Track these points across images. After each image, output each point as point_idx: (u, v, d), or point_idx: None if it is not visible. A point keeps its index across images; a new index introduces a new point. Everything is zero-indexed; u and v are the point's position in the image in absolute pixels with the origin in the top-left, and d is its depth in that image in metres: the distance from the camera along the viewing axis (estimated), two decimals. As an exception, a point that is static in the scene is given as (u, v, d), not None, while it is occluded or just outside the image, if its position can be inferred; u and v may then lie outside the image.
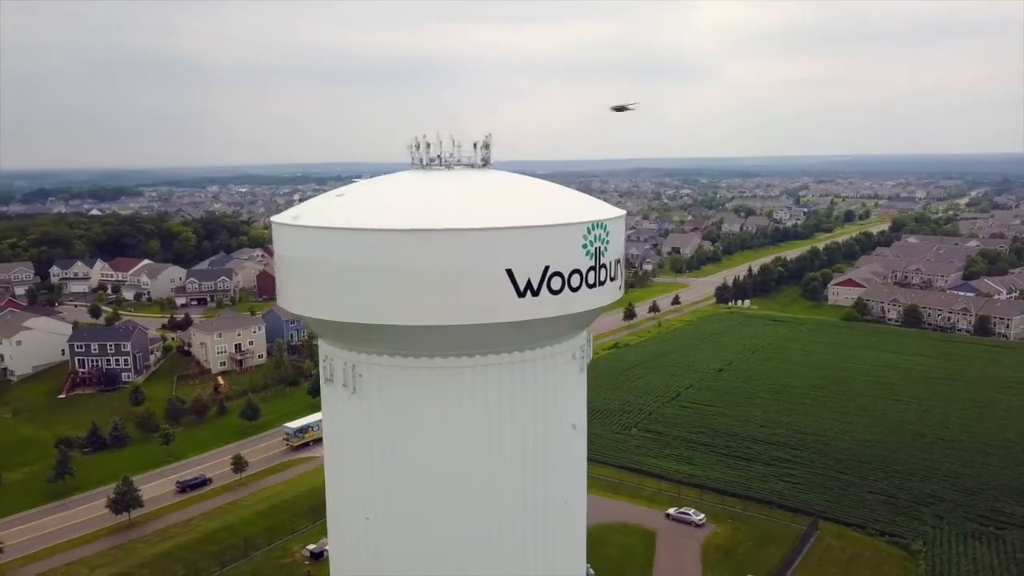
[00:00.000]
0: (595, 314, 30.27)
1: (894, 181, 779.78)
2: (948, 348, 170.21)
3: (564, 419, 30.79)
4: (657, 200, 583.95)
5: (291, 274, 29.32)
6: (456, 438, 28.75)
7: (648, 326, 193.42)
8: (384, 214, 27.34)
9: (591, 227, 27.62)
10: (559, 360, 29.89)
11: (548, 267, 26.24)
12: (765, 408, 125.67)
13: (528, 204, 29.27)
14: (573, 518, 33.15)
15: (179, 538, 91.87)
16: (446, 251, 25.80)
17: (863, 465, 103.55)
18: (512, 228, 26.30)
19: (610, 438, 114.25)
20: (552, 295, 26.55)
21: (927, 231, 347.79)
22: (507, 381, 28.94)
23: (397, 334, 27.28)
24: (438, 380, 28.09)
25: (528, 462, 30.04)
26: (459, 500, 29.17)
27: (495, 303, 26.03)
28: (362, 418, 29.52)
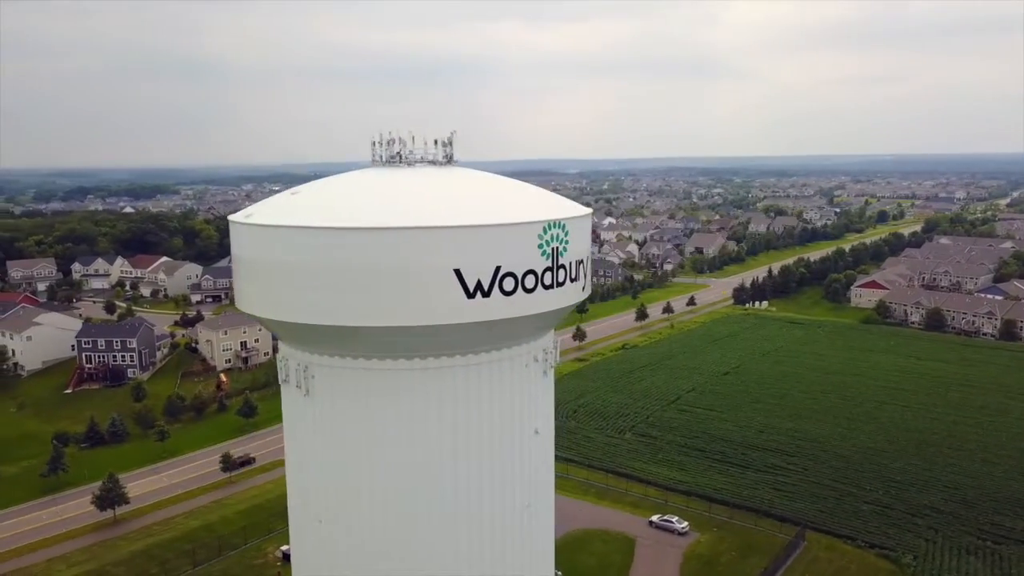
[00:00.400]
0: (557, 315, 29.50)
1: (934, 181, 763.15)
2: (968, 353, 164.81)
3: (525, 423, 30.20)
4: (687, 199, 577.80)
5: (241, 273, 29.01)
6: (408, 442, 28.13)
7: (660, 327, 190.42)
8: (331, 212, 26.97)
9: (547, 227, 26.87)
10: (518, 363, 29.33)
11: (499, 267, 25.57)
12: (767, 413, 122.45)
13: (484, 202, 28.65)
14: (536, 523, 32.51)
15: (160, 536, 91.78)
16: (390, 250, 25.18)
17: (860, 474, 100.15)
18: (459, 227, 25.60)
19: (603, 442, 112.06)
20: (505, 296, 25.90)
21: (961, 232, 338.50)
22: (461, 384, 28.25)
23: (344, 335, 26.71)
24: (389, 382, 27.58)
25: (485, 466, 29.34)
26: (412, 504, 28.63)
27: (443, 304, 25.45)
28: (315, 420, 29.25)
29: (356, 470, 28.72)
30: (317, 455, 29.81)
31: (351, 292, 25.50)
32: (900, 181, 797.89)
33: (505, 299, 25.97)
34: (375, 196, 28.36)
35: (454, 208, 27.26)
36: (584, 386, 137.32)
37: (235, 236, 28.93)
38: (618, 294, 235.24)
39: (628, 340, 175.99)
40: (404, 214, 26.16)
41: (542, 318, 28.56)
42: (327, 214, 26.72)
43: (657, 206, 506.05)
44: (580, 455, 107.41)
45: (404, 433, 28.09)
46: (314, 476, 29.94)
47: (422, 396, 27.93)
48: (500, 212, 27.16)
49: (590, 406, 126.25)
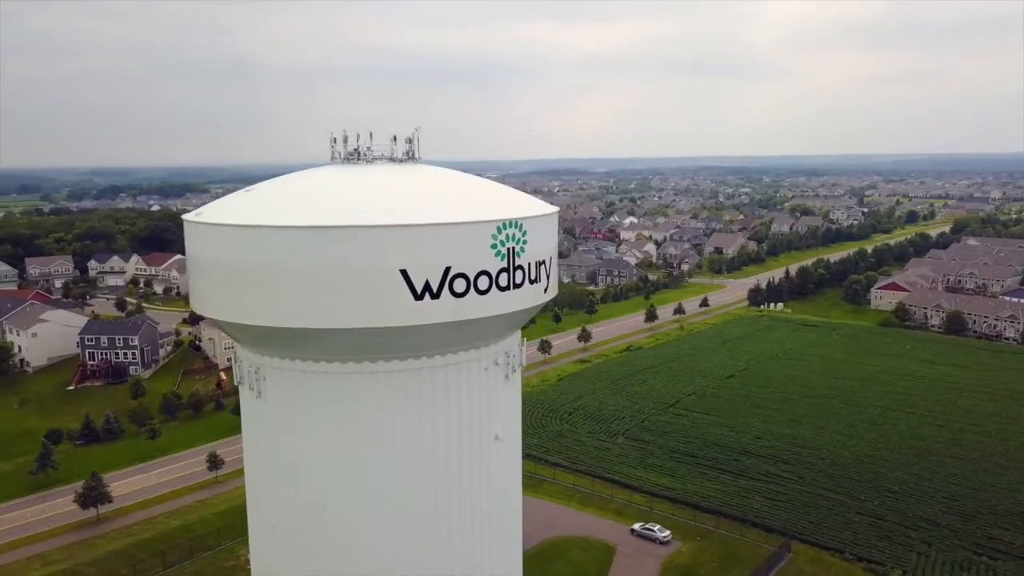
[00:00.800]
0: (517, 318, 28.19)
1: (969, 181, 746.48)
2: (986, 358, 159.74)
3: (485, 428, 28.95)
4: (713, 199, 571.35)
5: (192, 272, 28.35)
6: (358, 447, 27.05)
7: (670, 329, 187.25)
8: (274, 210, 25.95)
9: (502, 226, 25.71)
10: (476, 366, 28.13)
11: (449, 268, 24.42)
12: (766, 418, 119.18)
13: (437, 201, 27.43)
14: (500, 531, 31.18)
15: (138, 535, 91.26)
16: (332, 250, 24.10)
17: (856, 483, 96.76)
18: (405, 226, 24.46)
19: (594, 445, 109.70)
20: (456, 298, 24.74)
21: (991, 233, 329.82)
22: (414, 388, 27.05)
23: (290, 337, 25.67)
24: (338, 386, 26.52)
25: (440, 472, 28.11)
26: (363, 513, 27.57)
27: (389, 306, 24.31)
28: (266, 423, 28.44)
29: (306, 476, 27.63)
30: (269, 459, 28.85)
31: (292, 293, 24.44)
32: (934, 181, 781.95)
33: (456, 301, 24.86)
34: (326, 194, 27.33)
35: (404, 206, 26.08)
36: (583, 388, 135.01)
37: (187, 235, 28.02)
38: (631, 294, 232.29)
39: (635, 341, 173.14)
40: (349, 212, 25.11)
41: (499, 320, 27.16)
42: (270, 212, 25.84)
43: (682, 205, 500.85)
44: (569, 459, 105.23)
45: (354, 438, 26.96)
46: (267, 481, 29.17)
47: (372, 400, 26.76)
48: (452, 211, 26.08)
49: (586, 409, 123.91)
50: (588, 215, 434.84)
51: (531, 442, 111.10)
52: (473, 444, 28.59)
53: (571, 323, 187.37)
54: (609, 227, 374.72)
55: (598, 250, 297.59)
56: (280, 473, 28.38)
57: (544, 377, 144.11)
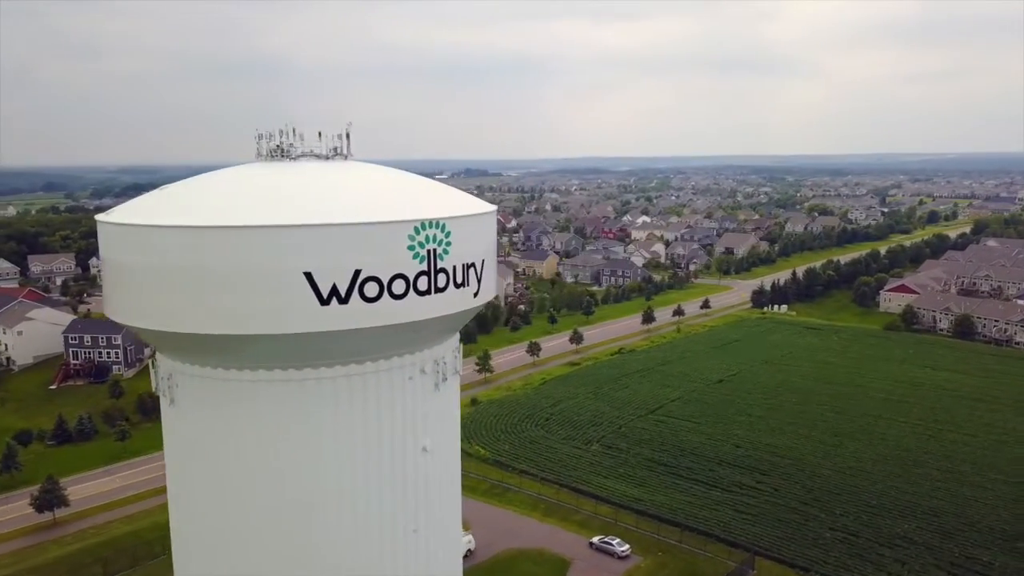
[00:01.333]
0: (441, 324, 26.27)
1: (997, 180, 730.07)
2: (993, 363, 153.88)
3: (410, 441, 27.39)
4: (731, 198, 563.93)
5: (103, 274, 27.04)
6: (271, 461, 25.57)
7: (667, 331, 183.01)
8: (180, 209, 24.67)
9: (421, 226, 24.11)
10: (400, 375, 26.53)
11: (359, 271, 22.94)
12: (749, 426, 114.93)
13: (354, 199, 25.61)
14: (429, 549, 29.33)
15: (88, 540, 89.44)
16: (232, 251, 22.63)
17: (834, 496, 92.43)
18: (310, 226, 22.85)
19: (566, 453, 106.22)
20: (367, 303, 23.20)
21: (1013, 234, 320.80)
22: (329, 399, 25.42)
23: (191, 343, 24.42)
24: (247, 395, 25.00)
25: (359, 487, 26.55)
26: (276, 529, 26.03)
27: (293, 311, 22.77)
28: (179, 431, 27.29)
29: (218, 486, 26.13)
30: (183, 468, 27.52)
31: (189, 296, 23.01)
32: (961, 180, 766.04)
33: (368, 306, 23.19)
34: (237, 193, 25.72)
35: (315, 206, 24.38)
36: (565, 392, 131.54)
37: (98, 235, 26.63)
38: (634, 295, 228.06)
39: (628, 344, 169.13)
40: (252, 212, 23.48)
41: (420, 327, 25.41)
42: (169, 211, 24.50)
43: (698, 205, 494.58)
44: (537, 467, 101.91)
45: (265, 451, 25.40)
46: (181, 490, 27.97)
47: (283, 410, 25.14)
48: (365, 210, 24.27)
49: (564, 414, 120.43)
50: (601, 214, 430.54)
51: (502, 448, 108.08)
52: (397, 457, 27.13)
53: (568, 324, 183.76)
54: (620, 226, 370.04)
55: (606, 250, 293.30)
56: (193, 482, 27.23)
57: (528, 380, 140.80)
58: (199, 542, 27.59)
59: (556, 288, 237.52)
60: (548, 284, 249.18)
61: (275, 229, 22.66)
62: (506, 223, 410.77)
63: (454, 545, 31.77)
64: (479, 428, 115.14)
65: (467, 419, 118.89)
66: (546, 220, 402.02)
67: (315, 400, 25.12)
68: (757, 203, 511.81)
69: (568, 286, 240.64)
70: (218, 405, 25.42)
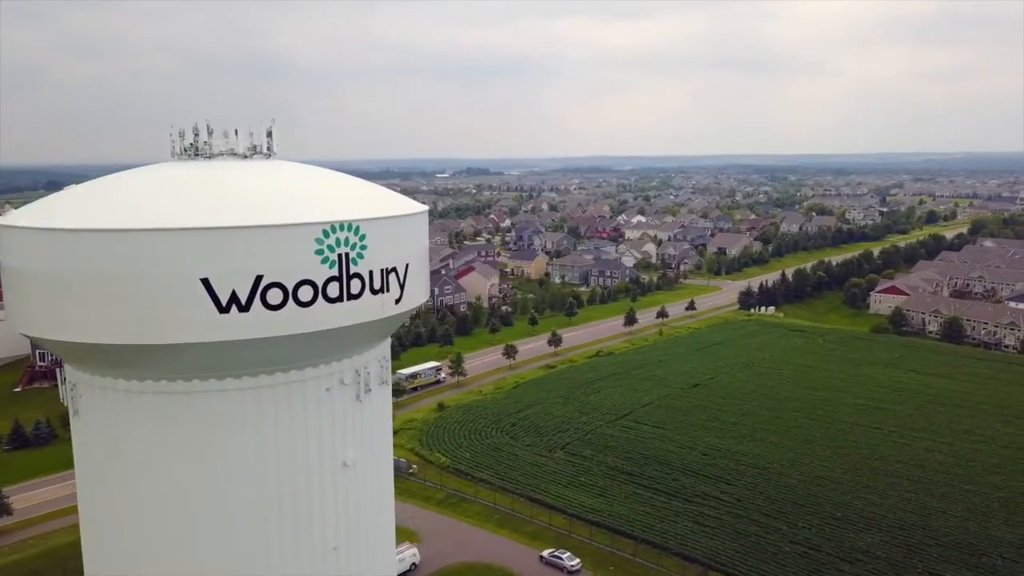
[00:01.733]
0: (357, 332, 24.61)
1: (1000, 180, 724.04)
2: (979, 368, 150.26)
3: (328, 456, 26.02)
4: (730, 197, 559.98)
5: (3, 281, 25.98)
6: (175, 475, 24.28)
7: (649, 333, 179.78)
8: (77, 212, 23.27)
9: (331, 229, 22.67)
10: (316, 386, 25.15)
11: (261, 277, 21.69)
12: (719, 433, 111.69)
13: (265, 200, 24.07)
14: (352, 568, 27.93)
15: (28, 551, 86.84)
16: (124, 255, 21.44)
17: (799, 507, 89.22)
18: (205, 229, 21.55)
19: (528, 461, 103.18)
20: (270, 311, 21.89)
21: (1010, 235, 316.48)
22: (236, 411, 24.18)
23: (92, 353, 23.27)
24: (148, 407, 23.80)
25: (271, 503, 25.14)
26: (184, 546, 24.70)
27: (190, 320, 21.59)
28: (84, 444, 26.22)
29: (122, 503, 24.80)
30: (89, 484, 26.33)
31: (86, 305, 21.96)
32: (964, 180, 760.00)
33: (272, 314, 21.96)
34: (144, 194, 24.43)
35: (219, 207, 23.03)
36: (535, 396, 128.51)
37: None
38: (620, 296, 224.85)
39: (608, 347, 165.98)
40: (149, 214, 22.15)
41: (332, 336, 23.91)
42: (64, 214, 23.01)
43: (695, 204, 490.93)
44: (496, 475, 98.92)
45: (170, 465, 24.13)
46: (88, 506, 26.83)
47: (188, 423, 23.95)
48: (271, 212, 22.76)
49: (531, 420, 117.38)
50: (597, 214, 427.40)
51: (463, 456, 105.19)
52: (313, 472, 25.72)
53: (550, 326, 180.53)
54: (614, 226, 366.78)
55: (597, 250, 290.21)
56: (96, 499, 26.04)
57: (500, 384, 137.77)
58: (106, 561, 26.36)
59: (543, 289, 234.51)
60: (536, 284, 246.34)
61: (168, 233, 21.29)
62: (500, 222, 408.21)
63: (383, 563, 30.36)
64: (442, 434, 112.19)
65: (431, 425, 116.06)
66: (541, 219, 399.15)
67: (221, 413, 24.07)
68: (755, 203, 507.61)
69: (554, 287, 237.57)
70: (119, 418, 24.55)
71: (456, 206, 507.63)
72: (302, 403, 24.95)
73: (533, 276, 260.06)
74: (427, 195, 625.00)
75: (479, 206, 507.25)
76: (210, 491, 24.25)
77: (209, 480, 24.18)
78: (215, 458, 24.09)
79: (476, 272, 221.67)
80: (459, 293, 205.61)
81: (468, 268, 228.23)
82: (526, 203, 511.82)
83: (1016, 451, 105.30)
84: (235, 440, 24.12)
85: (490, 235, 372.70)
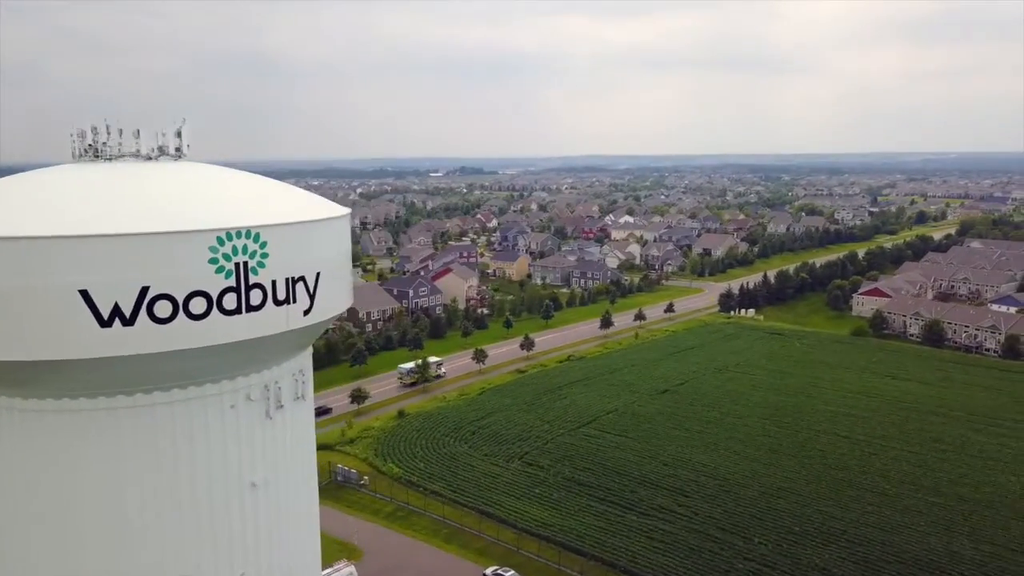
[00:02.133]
0: (271, 345, 22.88)
1: (993, 180, 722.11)
2: (957, 373, 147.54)
3: (233, 476, 24.19)
4: (721, 197, 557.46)
5: None
6: (67, 500, 22.38)
7: (625, 337, 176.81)
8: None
9: (226, 236, 20.90)
10: (218, 403, 23.36)
11: (147, 288, 20.10)
12: (683, 442, 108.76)
13: (159, 205, 21.95)
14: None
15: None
16: (2, 267, 19.71)
17: (757, 521, 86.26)
18: (82, 237, 19.73)
19: (483, 471, 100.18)
20: (158, 325, 20.25)
21: (998, 235, 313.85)
22: (127, 431, 22.18)
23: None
24: (34, 427, 21.83)
25: (169, 527, 23.19)
26: (76, 572, 22.72)
27: (70, 334, 19.84)
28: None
29: (9, 527, 22.78)
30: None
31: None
32: (957, 180, 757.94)
33: (159, 328, 20.29)
34: (33, 199, 22.40)
35: (106, 213, 20.94)
36: (499, 403, 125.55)
37: None
38: (601, 298, 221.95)
39: (580, 351, 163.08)
40: (31, 221, 20.30)
41: (230, 351, 21.97)
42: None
43: (685, 204, 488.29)
44: (449, 487, 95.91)
45: (61, 490, 22.23)
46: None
47: (75, 444, 22.03)
48: (161, 218, 20.77)
49: (491, 428, 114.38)
50: (586, 214, 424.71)
51: (417, 466, 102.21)
52: (217, 494, 23.81)
53: (527, 329, 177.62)
54: (600, 226, 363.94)
55: (581, 250, 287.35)
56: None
57: (465, 391, 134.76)
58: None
59: (525, 290, 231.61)
60: (517, 286, 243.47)
61: (42, 241, 19.62)
62: (487, 222, 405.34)
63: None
64: (398, 444, 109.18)
65: (388, 434, 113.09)
66: (529, 220, 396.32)
67: (112, 433, 22.05)
68: (746, 202, 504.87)
69: (534, 288, 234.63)
70: (16, 438, 22.31)
71: (445, 205, 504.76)
72: (203, 421, 23.38)
73: (515, 277, 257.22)
74: (417, 194, 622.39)
75: (467, 206, 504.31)
76: (103, 516, 22.61)
77: (100, 505, 22.54)
78: (106, 482, 22.46)
79: (453, 274, 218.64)
80: (435, 295, 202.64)
81: (445, 270, 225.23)
82: (516, 203, 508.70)
83: (984, 461, 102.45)
84: (128, 462, 22.45)
85: (476, 235, 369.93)
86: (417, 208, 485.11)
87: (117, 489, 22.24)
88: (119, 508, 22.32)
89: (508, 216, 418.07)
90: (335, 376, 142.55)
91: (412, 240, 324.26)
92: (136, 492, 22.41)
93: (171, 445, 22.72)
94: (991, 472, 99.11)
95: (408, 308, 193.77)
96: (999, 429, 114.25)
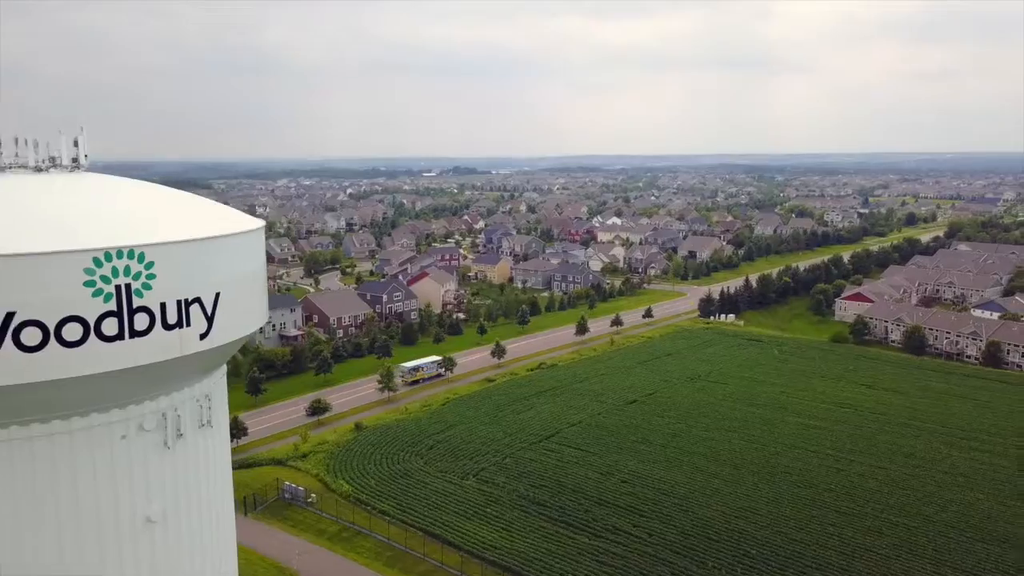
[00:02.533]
0: (162, 372, 20.91)
1: (985, 181, 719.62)
2: (935, 381, 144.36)
3: (128, 510, 22.27)
4: (712, 198, 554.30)
5: None
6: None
7: (600, 343, 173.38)
8: None
9: (106, 256, 19.03)
10: (107, 434, 21.41)
11: (12, 314, 18.67)
12: (644, 457, 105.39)
13: (34, 223, 19.86)
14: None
15: None
16: None
17: (713, 544, 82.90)
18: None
19: (436, 489, 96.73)
20: (25, 353, 18.60)
21: (987, 238, 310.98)
22: (3, 466, 20.06)
23: None
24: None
25: (53, 565, 20.92)
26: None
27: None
28: None
29: None
30: None
31: None
32: (950, 180, 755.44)
33: (27, 357, 18.59)
34: None
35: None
36: (461, 415, 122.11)
37: None
38: (580, 303, 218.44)
39: (552, 358, 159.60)
40: None
41: (111, 379, 20.00)
42: None
43: (675, 205, 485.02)
44: (398, 506, 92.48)
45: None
46: None
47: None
48: (32, 237, 18.81)
49: (451, 442, 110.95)
50: (574, 215, 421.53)
51: (367, 484, 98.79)
52: (107, 531, 21.91)
53: (502, 335, 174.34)
54: (587, 228, 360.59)
55: (565, 253, 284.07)
56: None
57: (429, 401, 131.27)
58: None
59: (505, 294, 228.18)
60: (498, 290, 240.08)
61: None
62: (474, 223, 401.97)
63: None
64: (352, 459, 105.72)
65: (343, 448, 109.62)
66: (517, 221, 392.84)
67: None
68: (735, 204, 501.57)
69: (513, 292, 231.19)
70: None
71: (434, 206, 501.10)
72: (89, 454, 21.36)
73: (496, 281, 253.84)
74: (407, 194, 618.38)
75: (456, 206, 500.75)
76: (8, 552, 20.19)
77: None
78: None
79: (430, 278, 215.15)
80: (410, 300, 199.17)
81: (422, 274, 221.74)
82: (505, 204, 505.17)
83: (955, 477, 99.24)
84: (19, 498, 20.24)
85: (462, 237, 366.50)
86: (405, 209, 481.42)
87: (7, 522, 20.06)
88: (12, 540, 20.02)
89: (496, 217, 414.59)
90: (296, 386, 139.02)
91: (395, 242, 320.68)
92: (11, 534, 20.15)
93: (51, 481, 20.82)
94: (960, 489, 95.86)
95: (381, 313, 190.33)
96: (972, 443, 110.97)
